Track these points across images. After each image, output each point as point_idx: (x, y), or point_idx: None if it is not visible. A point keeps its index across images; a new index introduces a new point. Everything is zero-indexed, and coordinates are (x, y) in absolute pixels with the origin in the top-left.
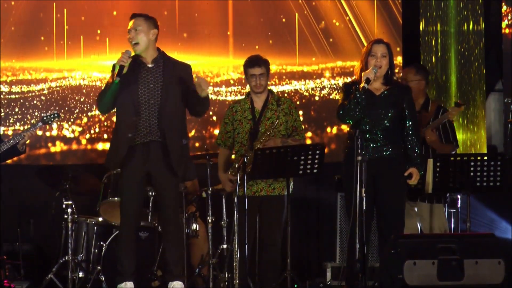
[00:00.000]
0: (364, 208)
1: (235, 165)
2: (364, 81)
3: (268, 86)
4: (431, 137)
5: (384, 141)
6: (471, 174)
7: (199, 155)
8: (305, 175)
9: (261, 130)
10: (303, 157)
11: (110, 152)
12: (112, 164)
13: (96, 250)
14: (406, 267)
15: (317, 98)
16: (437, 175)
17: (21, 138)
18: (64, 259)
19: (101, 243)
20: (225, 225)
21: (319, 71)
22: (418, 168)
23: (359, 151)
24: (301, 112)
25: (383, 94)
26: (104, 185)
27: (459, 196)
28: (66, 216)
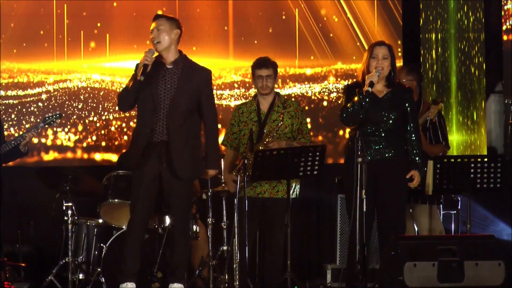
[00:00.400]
0: (365, 210)
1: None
2: (368, 85)
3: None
4: None
5: (387, 143)
6: (471, 176)
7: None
8: (305, 177)
9: (266, 132)
10: (303, 159)
11: (130, 149)
12: (130, 160)
13: (96, 252)
14: (406, 269)
15: (325, 104)
16: (437, 177)
17: (23, 139)
18: (64, 261)
19: (101, 245)
20: (225, 227)
21: (322, 74)
22: (419, 171)
23: (359, 153)
24: (309, 120)
25: (386, 96)
26: (105, 187)
27: (459, 198)
28: (66, 218)
